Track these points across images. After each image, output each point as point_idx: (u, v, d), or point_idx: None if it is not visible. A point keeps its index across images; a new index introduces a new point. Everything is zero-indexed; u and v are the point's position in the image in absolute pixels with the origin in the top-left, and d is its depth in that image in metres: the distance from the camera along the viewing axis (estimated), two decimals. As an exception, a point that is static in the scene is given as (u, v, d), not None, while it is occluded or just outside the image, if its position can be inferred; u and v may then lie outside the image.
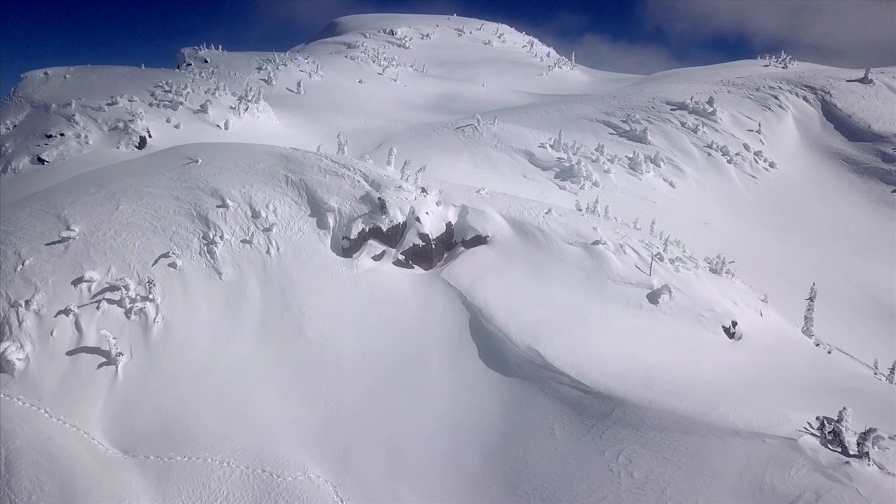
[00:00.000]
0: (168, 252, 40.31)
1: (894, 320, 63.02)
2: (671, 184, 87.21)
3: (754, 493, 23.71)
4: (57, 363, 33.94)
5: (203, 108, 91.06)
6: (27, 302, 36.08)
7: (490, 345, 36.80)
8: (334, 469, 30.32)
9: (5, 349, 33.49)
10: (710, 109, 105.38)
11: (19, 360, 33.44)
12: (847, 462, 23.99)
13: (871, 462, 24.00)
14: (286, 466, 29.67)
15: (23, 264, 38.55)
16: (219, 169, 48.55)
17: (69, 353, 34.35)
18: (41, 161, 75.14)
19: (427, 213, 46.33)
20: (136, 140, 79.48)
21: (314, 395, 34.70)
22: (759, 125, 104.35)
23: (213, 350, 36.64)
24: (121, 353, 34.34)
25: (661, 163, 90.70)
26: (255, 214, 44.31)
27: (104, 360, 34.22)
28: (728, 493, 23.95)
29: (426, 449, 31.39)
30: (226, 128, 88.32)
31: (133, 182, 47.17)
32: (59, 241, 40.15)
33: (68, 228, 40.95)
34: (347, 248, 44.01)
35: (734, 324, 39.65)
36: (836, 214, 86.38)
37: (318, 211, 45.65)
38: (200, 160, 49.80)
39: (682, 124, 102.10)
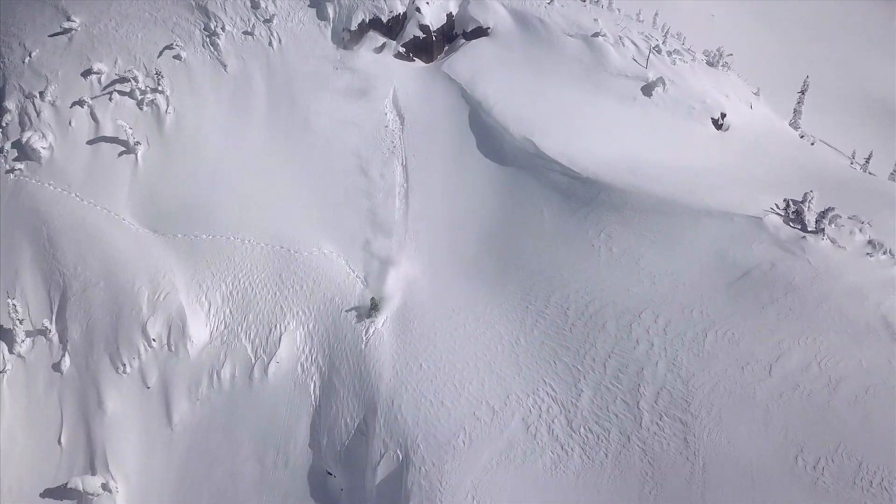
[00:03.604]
0: (171, 44, 40.70)
1: (887, 116, 64.03)
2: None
3: (717, 264, 26.72)
4: (79, 152, 35.95)
5: None
6: (41, 93, 37.31)
7: (488, 136, 38.38)
8: (345, 247, 33.34)
9: (29, 138, 35.32)
10: None
11: (43, 148, 35.39)
12: (804, 237, 26.73)
13: (825, 237, 26.71)
14: (302, 244, 32.68)
15: (30, 56, 39.21)
16: (212, -44, 47.10)
17: (89, 143, 36.23)
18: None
19: (427, 2, 45.75)
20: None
21: (324, 184, 36.92)
22: None
23: (225, 140, 38.37)
24: (138, 143, 36.17)
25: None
26: (255, 5, 43.86)
27: (123, 149, 36.14)
28: (694, 265, 26.98)
29: (429, 231, 34.20)
30: None
31: (126, -30, 46.05)
32: (61, 33, 40.41)
33: (69, 20, 40.96)
34: (348, 39, 44.11)
35: (723, 115, 40.98)
36: (842, 6, 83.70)
37: (317, 1, 45.11)
38: (193, -54, 48.09)
39: None
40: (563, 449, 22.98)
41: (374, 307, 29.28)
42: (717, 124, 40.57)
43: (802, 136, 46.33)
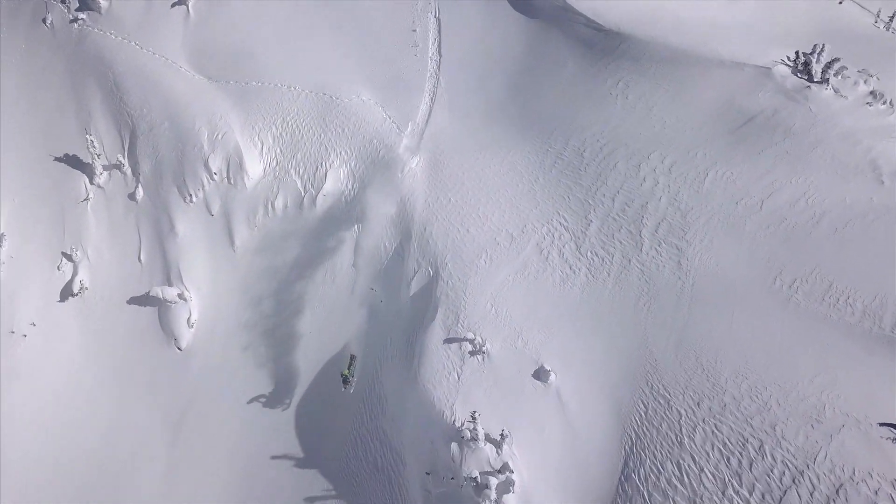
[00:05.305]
0: None
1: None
2: None
3: (724, 111, 27.79)
4: (134, 3, 37.01)
5: None
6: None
7: (519, -10, 38.27)
8: (381, 97, 34.73)
9: (87, -13, 36.36)
10: None
11: (102, -1, 36.52)
12: (808, 87, 27.47)
13: (829, 87, 27.43)
14: (342, 91, 34.13)
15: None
16: None
17: (143, -8, 37.16)
18: None
19: None
20: None
21: (361, 37, 37.61)
22: None
23: (266, -2, 38.82)
24: (189, -8, 37.01)
25: None
26: None
27: (175, 0, 37.04)
28: (702, 112, 28.11)
29: (460, 80, 35.13)
30: None
31: None
32: None
33: None
34: None
35: (750, -29, 39.93)
36: None
37: None
38: None
39: None
40: (571, 269, 25.44)
41: (345, 381, 25.97)
42: (743, -21, 39.62)
43: (832, -6, 44.87)
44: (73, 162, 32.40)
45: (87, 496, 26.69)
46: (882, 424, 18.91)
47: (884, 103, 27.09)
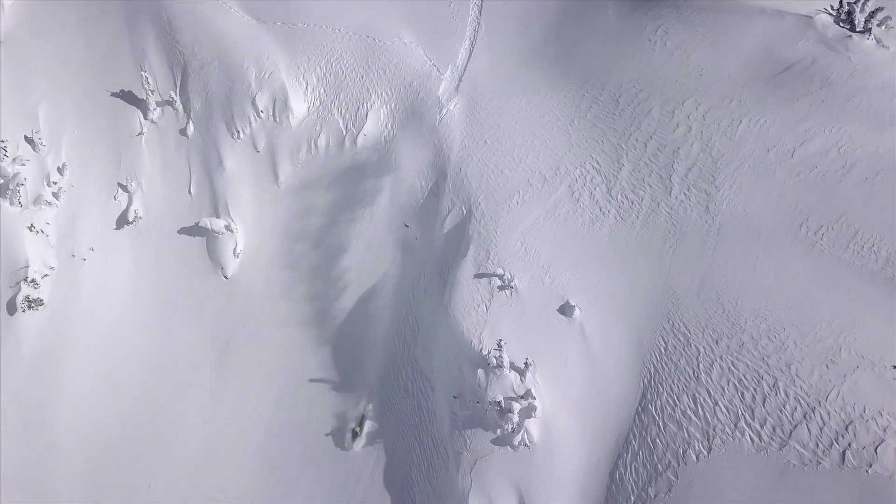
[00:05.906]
0: None
1: None
2: None
3: (762, 59, 27.51)
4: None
5: None
6: None
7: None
8: (422, 40, 34.98)
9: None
10: None
11: (156, -60, 36.99)
12: (849, 36, 26.94)
13: (871, 37, 26.87)
14: (385, 34, 34.51)
15: None
16: None
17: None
18: None
19: None
20: None
21: None
22: None
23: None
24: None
25: None
26: None
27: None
28: (740, 59, 27.86)
29: (500, 25, 35.14)
30: None
31: None
32: None
33: None
34: None
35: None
36: None
37: None
38: None
39: None
40: (601, 211, 25.84)
41: (354, 436, 25.50)
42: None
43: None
44: (129, 98, 33.55)
45: (140, 412, 28.12)
46: (896, 367, 19.27)
47: (927, 55, 26.50)
